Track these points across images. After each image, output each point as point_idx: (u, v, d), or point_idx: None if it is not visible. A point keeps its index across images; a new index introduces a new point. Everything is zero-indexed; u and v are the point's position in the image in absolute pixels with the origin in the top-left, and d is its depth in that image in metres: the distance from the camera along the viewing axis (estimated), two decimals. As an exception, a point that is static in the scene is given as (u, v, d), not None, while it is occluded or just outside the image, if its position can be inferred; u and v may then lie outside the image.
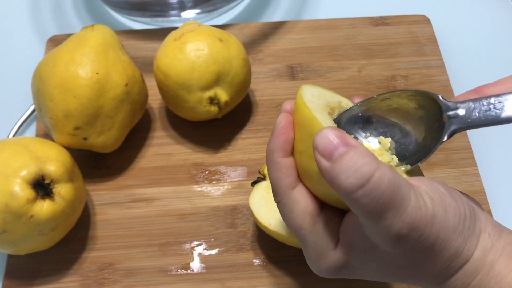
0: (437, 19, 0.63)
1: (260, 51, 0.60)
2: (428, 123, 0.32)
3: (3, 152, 0.43)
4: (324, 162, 0.27)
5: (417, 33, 0.61)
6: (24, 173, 0.41)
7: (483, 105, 0.30)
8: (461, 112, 0.30)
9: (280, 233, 0.44)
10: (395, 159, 0.32)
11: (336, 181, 0.26)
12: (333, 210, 0.32)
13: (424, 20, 0.62)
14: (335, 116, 0.33)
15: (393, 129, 0.34)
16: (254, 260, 0.47)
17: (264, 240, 0.48)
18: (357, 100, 0.35)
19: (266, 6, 0.67)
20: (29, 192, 0.41)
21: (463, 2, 0.67)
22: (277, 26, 0.62)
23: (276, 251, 0.48)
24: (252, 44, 0.61)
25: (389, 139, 0.33)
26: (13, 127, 0.56)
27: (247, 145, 0.54)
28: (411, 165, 0.32)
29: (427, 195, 0.28)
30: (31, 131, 0.56)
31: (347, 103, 0.34)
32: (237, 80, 0.50)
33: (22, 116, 0.56)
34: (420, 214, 0.26)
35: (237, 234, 0.49)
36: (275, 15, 0.66)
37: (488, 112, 0.29)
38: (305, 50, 0.60)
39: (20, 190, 0.41)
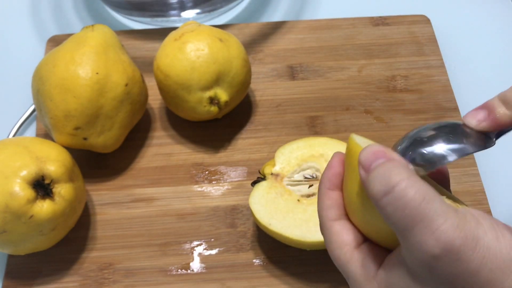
0: (437, 19, 0.63)
1: (260, 51, 0.60)
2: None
3: (3, 152, 0.43)
4: (363, 174, 0.27)
5: (417, 33, 0.61)
6: (24, 173, 0.41)
7: None
8: None
9: (280, 233, 0.44)
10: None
11: (368, 189, 0.26)
12: (377, 245, 0.30)
13: (424, 20, 0.62)
14: None
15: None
16: (254, 260, 0.47)
17: (264, 240, 0.48)
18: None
19: (266, 6, 0.67)
20: (29, 192, 0.41)
21: (463, 2, 0.67)
22: (277, 26, 0.62)
23: (276, 251, 0.48)
24: (252, 44, 0.61)
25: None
26: (13, 127, 0.56)
27: (247, 145, 0.54)
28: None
29: (472, 218, 0.25)
30: (31, 131, 0.56)
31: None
32: (237, 80, 0.50)
33: (22, 116, 0.56)
34: (457, 234, 0.24)
35: (237, 234, 0.49)
36: (275, 15, 0.66)
37: None
38: (305, 50, 0.60)
39: (20, 190, 0.41)
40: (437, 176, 0.34)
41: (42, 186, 0.42)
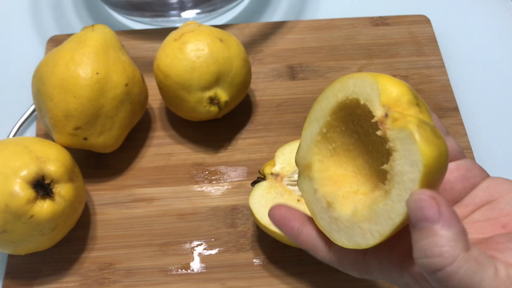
0: (437, 19, 0.63)
1: (260, 51, 0.60)
2: None
3: (3, 152, 0.43)
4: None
5: (417, 33, 0.62)
6: (24, 173, 0.41)
7: None
8: None
9: (280, 233, 0.44)
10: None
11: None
12: None
13: (424, 20, 0.62)
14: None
15: None
16: (254, 260, 0.47)
17: (264, 240, 0.48)
18: None
19: (266, 6, 0.67)
20: (29, 192, 0.41)
21: (463, 2, 0.67)
22: (277, 26, 0.62)
23: (276, 251, 0.48)
24: (252, 44, 0.61)
25: None
26: (13, 127, 0.56)
27: (247, 145, 0.54)
28: None
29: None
30: (31, 131, 0.56)
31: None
32: (237, 80, 0.50)
33: (22, 116, 0.56)
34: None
35: (237, 234, 0.49)
36: (275, 15, 0.66)
37: None
38: (305, 50, 0.60)
39: (20, 190, 0.41)
40: None
41: (42, 186, 0.42)
